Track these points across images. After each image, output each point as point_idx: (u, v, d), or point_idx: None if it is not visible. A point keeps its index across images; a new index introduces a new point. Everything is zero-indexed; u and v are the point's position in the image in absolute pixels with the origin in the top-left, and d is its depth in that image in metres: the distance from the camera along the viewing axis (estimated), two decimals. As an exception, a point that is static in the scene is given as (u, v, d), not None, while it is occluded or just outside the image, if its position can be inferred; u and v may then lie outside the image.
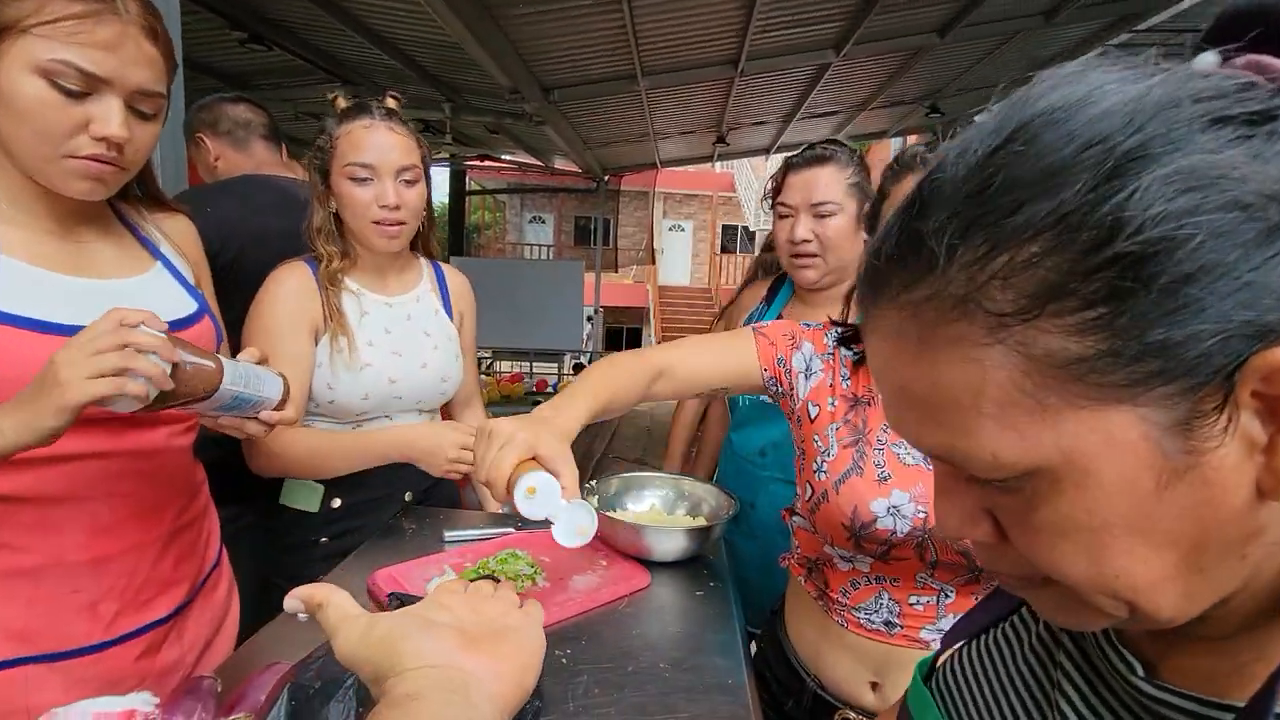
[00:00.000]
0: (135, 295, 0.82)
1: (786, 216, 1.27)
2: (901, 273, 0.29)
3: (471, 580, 0.54)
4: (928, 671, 0.49)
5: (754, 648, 1.05)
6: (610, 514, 1.13)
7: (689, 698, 0.77)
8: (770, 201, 1.32)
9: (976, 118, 0.31)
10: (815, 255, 1.25)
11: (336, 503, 1.20)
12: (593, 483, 1.24)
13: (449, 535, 1.15)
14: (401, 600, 0.65)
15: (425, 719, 0.35)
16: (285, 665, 0.61)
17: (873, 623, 0.84)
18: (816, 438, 0.87)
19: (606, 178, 7.23)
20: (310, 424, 1.20)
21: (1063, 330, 0.25)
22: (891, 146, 8.17)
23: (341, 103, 1.16)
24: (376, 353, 1.18)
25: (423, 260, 1.33)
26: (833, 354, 0.90)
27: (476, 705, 0.38)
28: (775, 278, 1.47)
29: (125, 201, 0.89)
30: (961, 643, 0.47)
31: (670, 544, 1.07)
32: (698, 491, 1.25)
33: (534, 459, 0.63)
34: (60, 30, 0.65)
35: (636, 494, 1.27)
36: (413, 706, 0.35)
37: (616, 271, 15.30)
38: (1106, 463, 0.26)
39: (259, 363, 0.83)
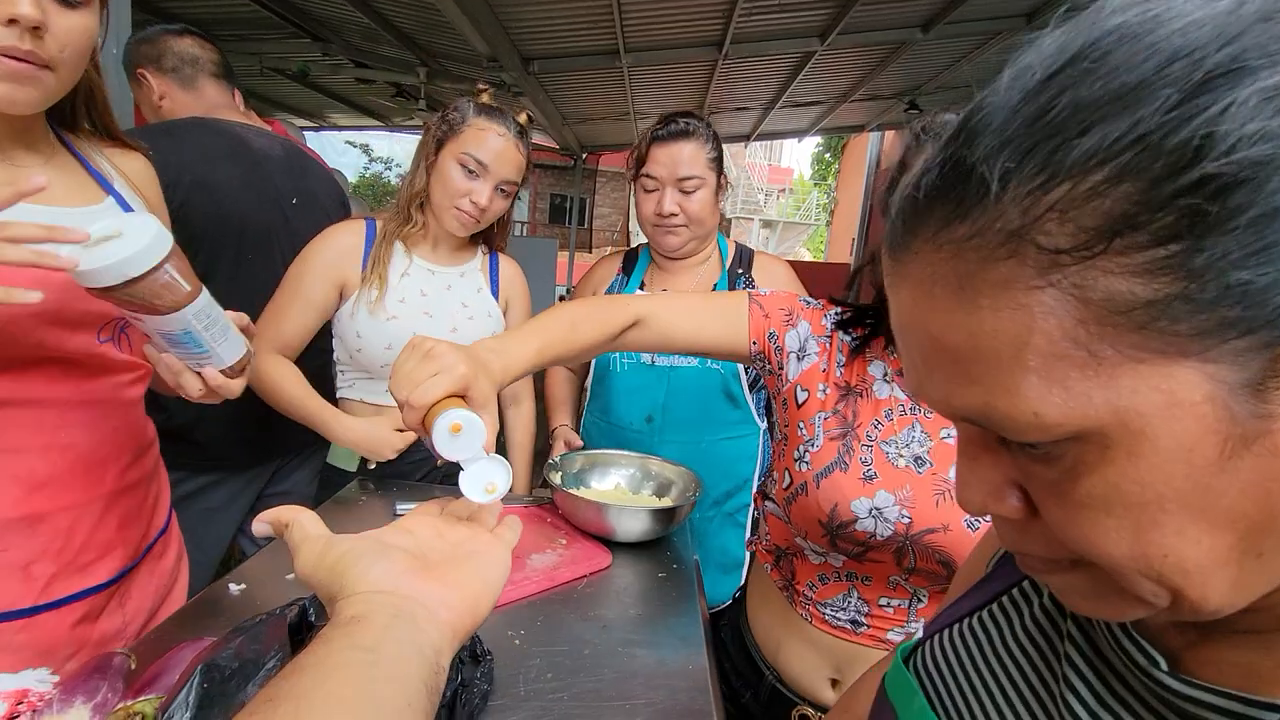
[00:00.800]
0: (70, 223, 0.74)
1: (653, 190, 1.30)
2: (943, 208, 0.26)
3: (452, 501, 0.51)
4: (908, 654, 0.46)
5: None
6: (573, 491, 1.09)
7: (647, 683, 0.74)
8: (634, 173, 1.34)
9: (1032, 41, 0.26)
10: (681, 225, 1.30)
11: (372, 467, 1.27)
12: (556, 459, 1.22)
13: (400, 508, 1.11)
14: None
15: (369, 639, 0.34)
16: (208, 641, 0.56)
17: (838, 620, 0.81)
18: (802, 425, 0.82)
19: (584, 156, 7.11)
20: (347, 377, 1.28)
21: (1128, 270, 0.22)
22: (870, 140, 8.22)
23: (486, 98, 1.24)
24: (405, 309, 1.21)
25: (480, 246, 1.37)
26: (830, 337, 0.85)
27: (423, 630, 0.36)
28: (628, 250, 1.50)
29: (76, 134, 0.81)
30: (945, 628, 0.44)
31: (634, 524, 1.04)
32: (665, 472, 1.23)
33: (462, 397, 0.58)
34: None
35: (601, 472, 1.24)
36: (355, 629, 0.34)
37: (590, 252, 15.17)
38: (1165, 426, 0.23)
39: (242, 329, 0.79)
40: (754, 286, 1.37)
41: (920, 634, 0.46)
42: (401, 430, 1.20)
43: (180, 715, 0.43)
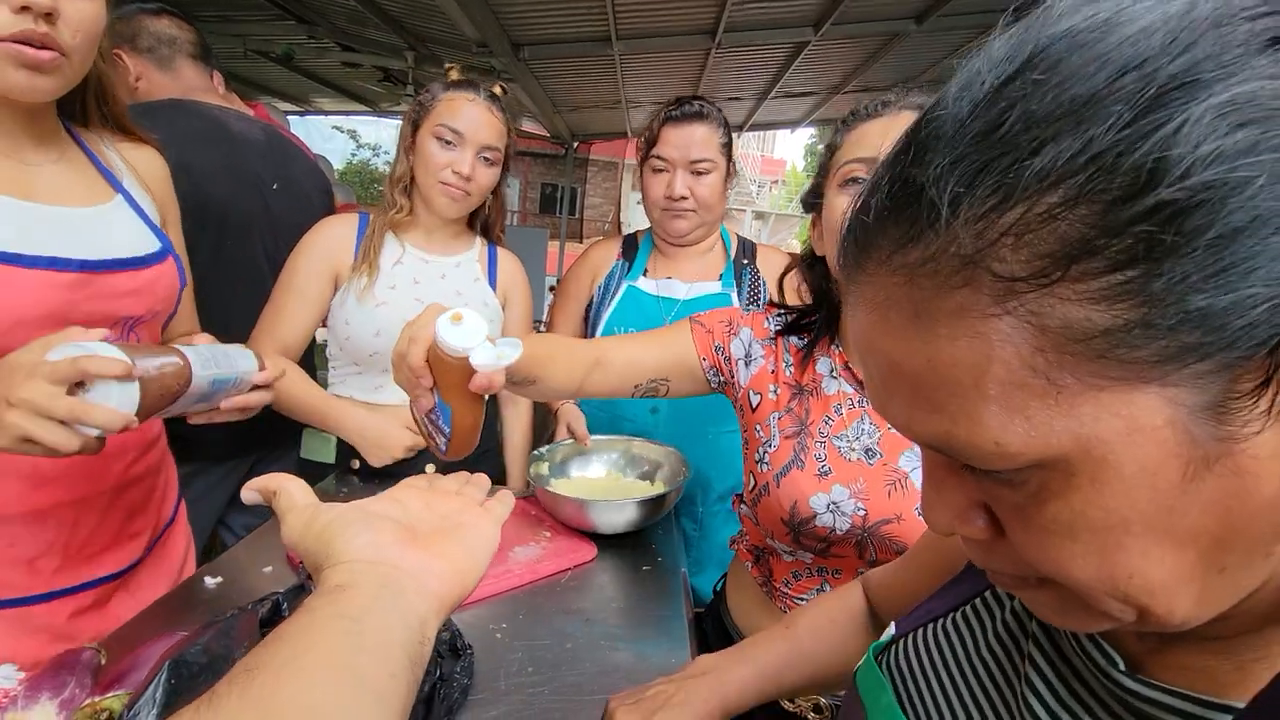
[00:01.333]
0: (90, 225, 0.74)
1: (662, 171, 1.27)
2: (894, 230, 0.25)
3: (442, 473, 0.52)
4: (880, 651, 0.46)
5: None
6: (555, 488, 1.08)
7: (628, 677, 0.74)
8: (643, 155, 1.31)
9: (984, 45, 0.25)
10: (691, 210, 1.27)
11: (355, 464, 1.23)
12: (542, 449, 1.21)
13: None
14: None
15: (354, 608, 0.33)
16: (179, 636, 0.55)
17: None
18: (759, 427, 0.84)
19: (576, 144, 7.05)
20: (338, 372, 1.26)
21: (1085, 297, 0.21)
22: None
23: (455, 74, 1.24)
24: (396, 295, 1.19)
25: (479, 239, 1.34)
26: (775, 339, 0.87)
27: (409, 600, 0.36)
28: (627, 235, 1.46)
29: (87, 128, 0.80)
30: (918, 627, 0.45)
31: (619, 517, 1.03)
32: (651, 455, 1.21)
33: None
34: None
35: (587, 459, 1.23)
36: (341, 596, 0.34)
37: (581, 241, 15.10)
38: (1128, 452, 0.23)
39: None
40: (759, 278, 1.36)
41: (893, 631, 0.46)
42: (411, 430, 1.17)
43: (147, 712, 0.42)
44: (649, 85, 5.11)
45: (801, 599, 0.82)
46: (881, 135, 0.74)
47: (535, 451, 1.21)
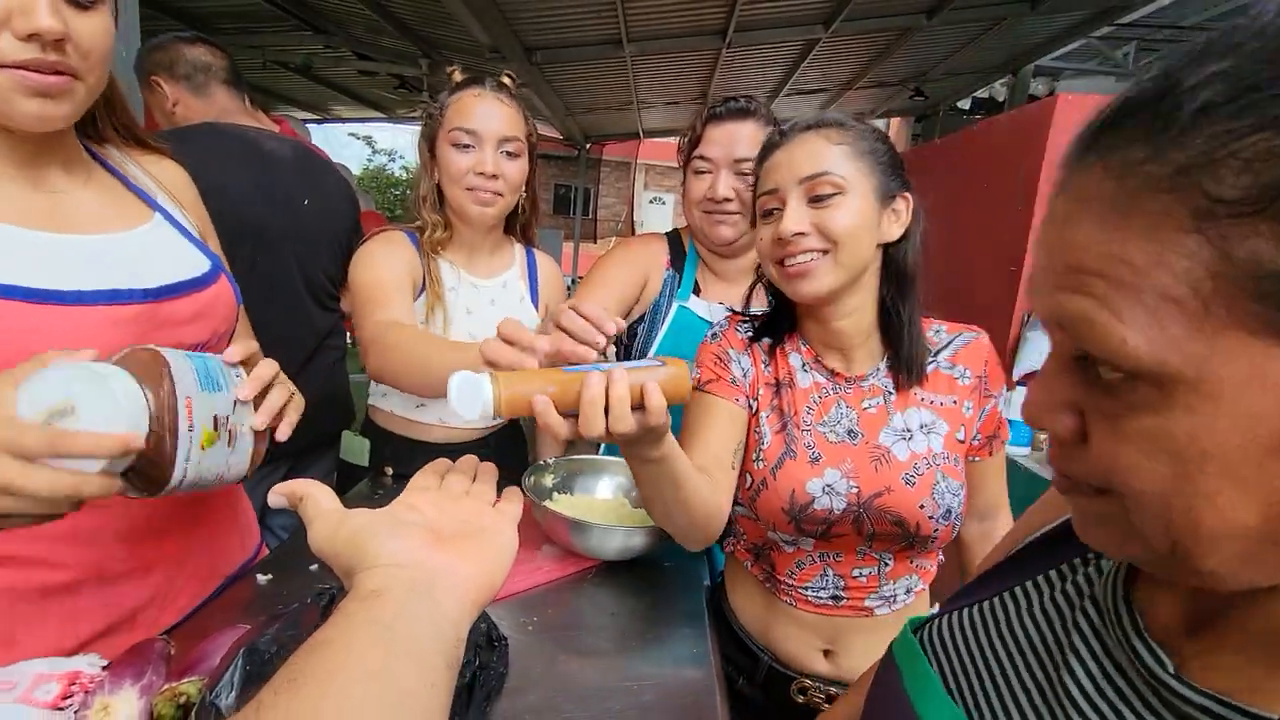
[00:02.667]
0: (138, 251, 0.70)
1: (705, 172, 1.17)
2: (1128, 125, 0.26)
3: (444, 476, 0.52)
4: (918, 627, 0.48)
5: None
6: (557, 498, 1.07)
7: (656, 666, 0.78)
8: (685, 156, 1.22)
9: None
10: (736, 214, 1.17)
11: (389, 472, 1.23)
12: (549, 460, 1.17)
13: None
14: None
15: (388, 614, 0.34)
16: (243, 629, 0.60)
17: (820, 598, 0.86)
18: (756, 429, 0.88)
19: (588, 146, 7.10)
20: (381, 386, 1.23)
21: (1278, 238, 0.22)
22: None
23: (458, 76, 1.18)
24: (452, 334, 1.17)
25: (517, 245, 1.31)
26: (750, 344, 0.92)
27: (440, 602, 0.37)
28: (670, 234, 1.33)
29: (103, 144, 0.77)
30: (958, 609, 0.47)
31: (610, 543, 0.97)
32: None
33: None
34: None
35: (586, 480, 1.16)
36: (376, 602, 0.35)
37: (595, 242, 15.15)
38: (1240, 397, 0.24)
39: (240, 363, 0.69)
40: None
41: (936, 611, 0.48)
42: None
43: (226, 694, 0.47)
44: (660, 86, 5.14)
45: (805, 588, 0.86)
46: (782, 164, 0.80)
47: (541, 462, 1.15)
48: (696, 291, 1.26)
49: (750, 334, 0.92)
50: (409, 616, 0.34)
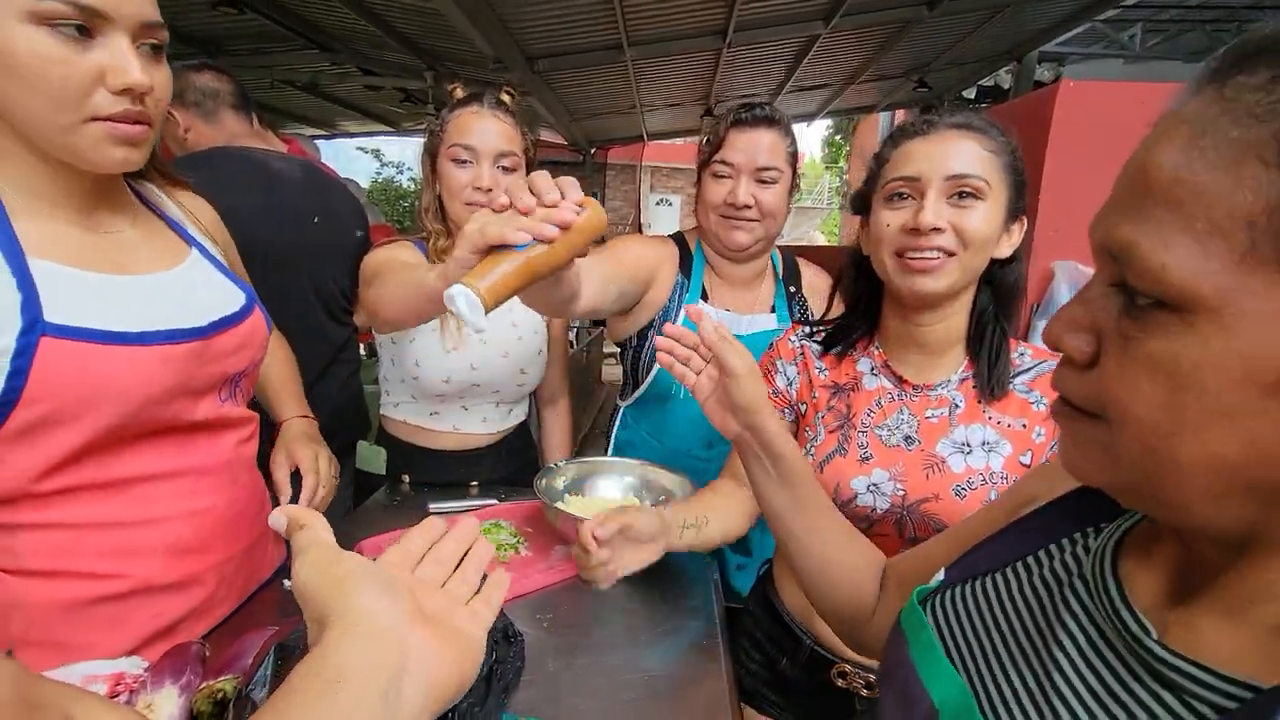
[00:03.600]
0: (183, 289, 0.75)
1: (725, 177, 1.18)
2: (1250, 60, 0.27)
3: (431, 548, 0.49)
4: (924, 597, 0.50)
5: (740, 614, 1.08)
6: (567, 499, 1.09)
7: (664, 658, 0.81)
8: (705, 159, 1.22)
9: None
10: (754, 221, 1.18)
11: (407, 479, 1.27)
12: (560, 463, 1.19)
13: (434, 506, 1.17)
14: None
15: (344, 709, 0.32)
16: (272, 630, 0.63)
17: None
18: (807, 429, 0.91)
19: (593, 151, 7.14)
20: (393, 397, 1.29)
21: None
22: (880, 120, 8.13)
23: (459, 93, 1.23)
24: (464, 339, 1.21)
25: None
26: (802, 352, 0.94)
27: (404, 699, 0.35)
28: (675, 236, 1.33)
29: (142, 180, 0.81)
30: (961, 582, 0.48)
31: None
32: (662, 480, 1.16)
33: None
34: None
35: (596, 482, 1.18)
36: (334, 694, 0.33)
37: (603, 245, 15.17)
38: (1254, 334, 0.25)
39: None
40: (806, 307, 1.31)
41: (941, 578, 0.50)
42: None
43: (260, 689, 0.51)
44: (662, 89, 5.16)
45: None
46: (925, 155, 0.78)
47: (550, 465, 1.19)
48: (704, 297, 1.27)
49: (804, 341, 0.95)
50: (366, 712, 0.33)
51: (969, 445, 0.82)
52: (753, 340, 1.23)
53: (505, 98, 1.23)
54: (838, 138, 19.45)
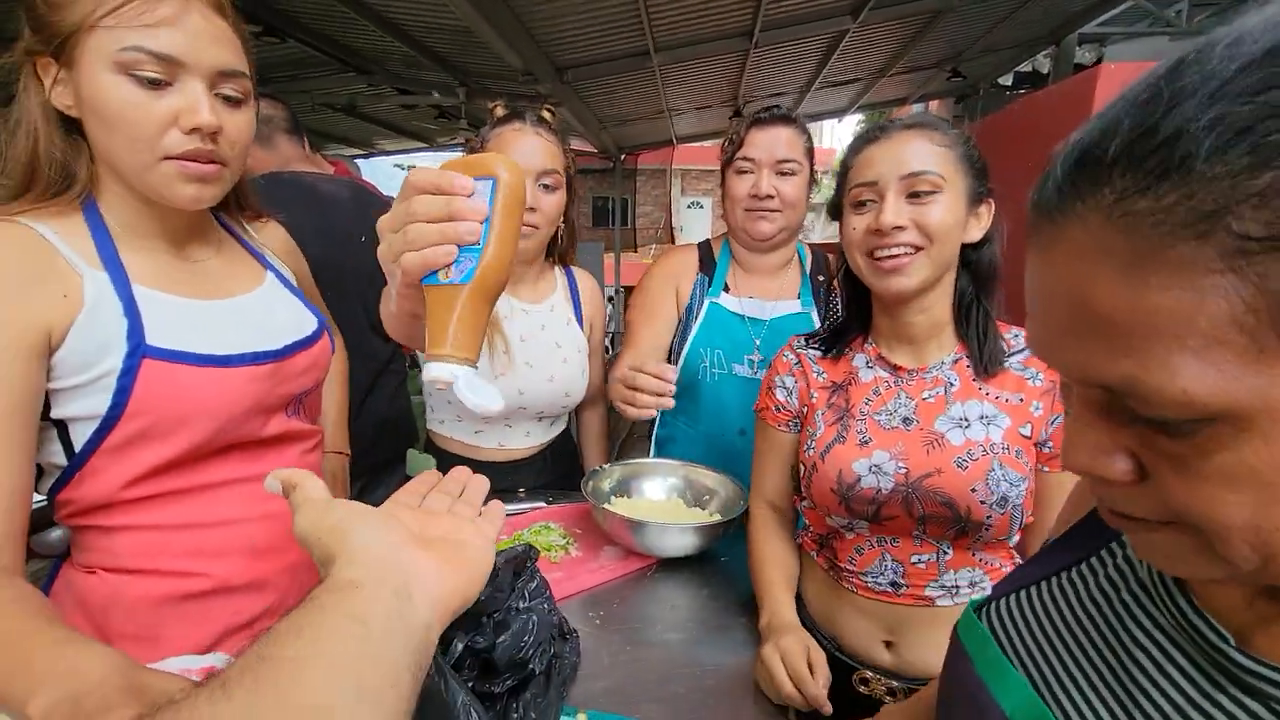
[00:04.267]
0: (262, 313, 0.81)
1: (747, 171, 1.27)
2: (1125, 178, 0.25)
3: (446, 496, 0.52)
4: (978, 607, 0.49)
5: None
6: (614, 501, 1.12)
7: (713, 654, 0.82)
8: (727, 158, 1.31)
9: (1250, 10, 0.26)
10: (777, 211, 1.27)
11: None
12: (606, 466, 1.23)
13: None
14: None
15: (361, 609, 0.34)
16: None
17: (880, 584, 0.88)
18: (809, 427, 0.94)
19: (623, 157, 7.19)
20: (438, 414, 1.31)
21: None
22: (913, 113, 7.97)
23: (500, 111, 1.22)
24: (511, 363, 1.22)
25: (556, 269, 1.36)
26: (799, 360, 0.98)
27: (416, 605, 0.36)
28: (701, 244, 1.43)
29: (225, 211, 0.87)
30: (1016, 589, 0.48)
31: (676, 541, 1.03)
32: (705, 480, 1.20)
33: None
34: (125, 16, 0.63)
35: (640, 484, 1.21)
36: (354, 596, 0.34)
37: (636, 251, 15.24)
38: None
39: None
40: (835, 296, 1.34)
41: (990, 592, 0.50)
42: None
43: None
44: (690, 92, 5.18)
45: (865, 574, 0.89)
46: (881, 159, 0.83)
47: (595, 468, 1.22)
48: (727, 290, 1.35)
49: (800, 350, 0.99)
50: (382, 615, 0.34)
51: (966, 420, 0.84)
52: (778, 324, 1.33)
53: (546, 114, 1.23)
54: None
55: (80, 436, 0.68)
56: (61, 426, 0.68)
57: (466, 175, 0.49)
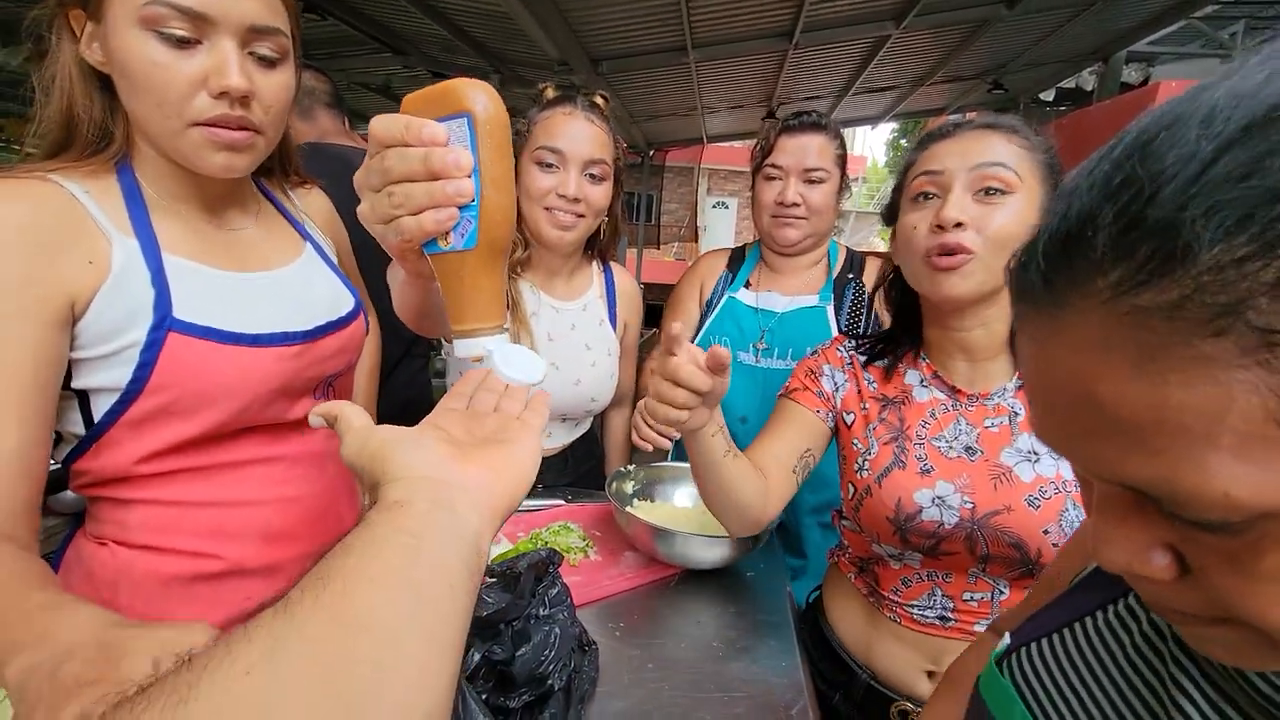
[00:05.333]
0: (297, 288, 0.77)
1: (775, 178, 1.28)
2: (1120, 269, 0.24)
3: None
4: (1000, 659, 0.46)
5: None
6: (636, 505, 1.09)
7: (745, 676, 0.78)
8: (757, 163, 1.32)
9: (1225, 73, 0.24)
10: (803, 219, 1.27)
11: None
12: (630, 467, 1.18)
13: (521, 504, 1.17)
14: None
15: (412, 523, 0.35)
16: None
17: (926, 617, 0.83)
18: (855, 441, 0.87)
19: (652, 153, 7.15)
20: None
21: None
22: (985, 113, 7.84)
23: (550, 93, 1.14)
24: None
25: (595, 265, 1.30)
26: (851, 361, 0.92)
27: (463, 515, 0.37)
28: (736, 248, 1.47)
29: (267, 176, 0.84)
30: (1042, 636, 0.44)
31: (706, 553, 0.98)
32: None
33: None
34: None
35: (665, 488, 1.18)
36: (400, 512, 0.35)
37: (659, 248, 15.20)
38: None
39: None
40: (863, 294, 1.34)
41: (1009, 641, 0.46)
42: None
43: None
44: (724, 91, 5.12)
45: (912, 606, 0.83)
46: (950, 152, 0.76)
47: (620, 469, 1.17)
48: (748, 285, 1.39)
49: (852, 352, 0.92)
50: (432, 526, 0.35)
51: (1035, 453, 0.77)
52: (789, 317, 1.34)
53: (600, 101, 1.16)
54: (902, 141, 18.93)
55: (100, 408, 0.66)
56: (82, 396, 0.66)
57: (435, 113, 0.43)
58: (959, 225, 0.73)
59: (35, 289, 0.60)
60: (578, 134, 1.08)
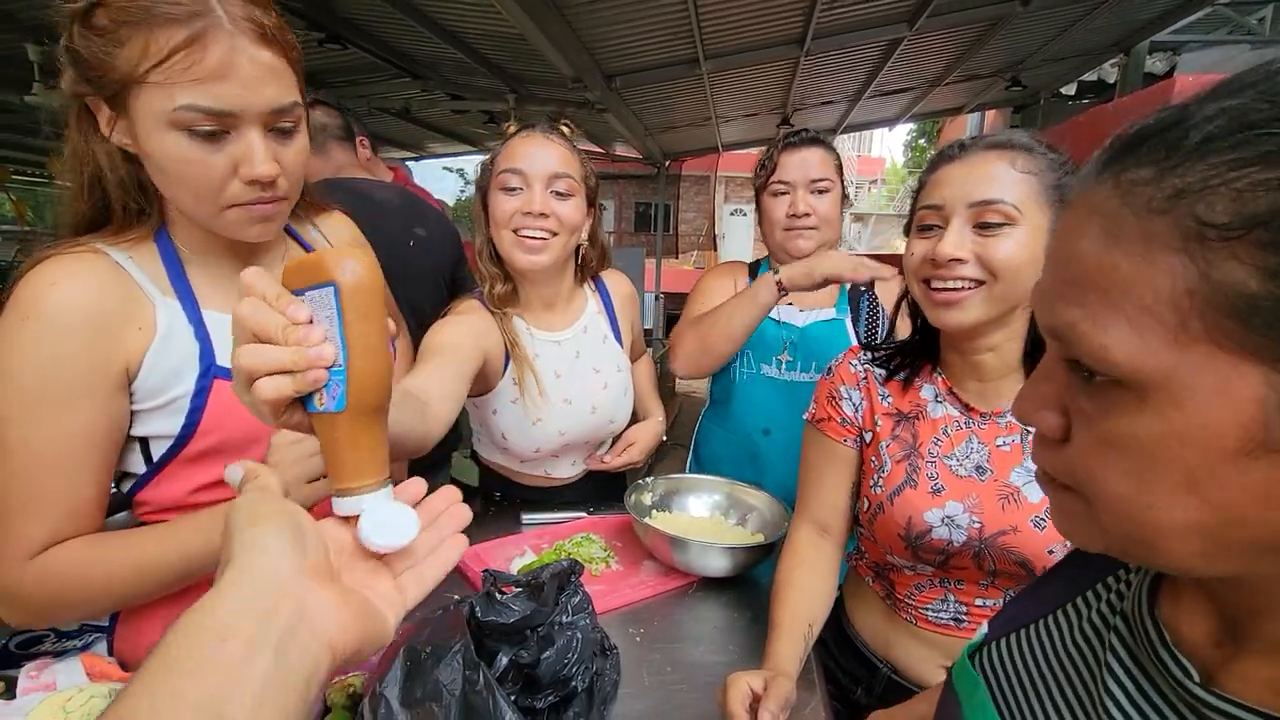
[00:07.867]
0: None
1: (783, 194, 1.33)
2: (1142, 150, 0.28)
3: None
4: (973, 651, 0.49)
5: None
6: (655, 516, 1.11)
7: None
8: (762, 183, 1.36)
9: None
10: (814, 228, 1.32)
11: (497, 495, 1.31)
12: (649, 479, 1.21)
13: (526, 518, 1.21)
14: (495, 577, 0.70)
15: (218, 623, 0.31)
16: (401, 630, 0.67)
17: (941, 619, 0.85)
18: (873, 457, 0.89)
19: (667, 163, 7.20)
20: (483, 444, 1.29)
21: (1257, 265, 0.24)
22: (967, 123, 7.77)
23: (512, 129, 1.15)
24: (548, 404, 1.15)
25: (587, 286, 1.28)
26: (865, 377, 0.92)
27: (297, 655, 0.33)
28: (752, 263, 1.51)
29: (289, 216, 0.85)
30: (1011, 632, 0.47)
31: (717, 561, 1.01)
32: (748, 499, 1.18)
33: None
34: (173, 71, 0.61)
35: (682, 499, 1.21)
36: (223, 645, 0.31)
37: (677, 257, 15.23)
38: (1205, 406, 0.26)
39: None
40: (878, 305, 1.36)
41: (985, 632, 0.49)
42: None
43: (392, 687, 0.54)
44: (738, 99, 5.15)
45: (926, 609, 0.85)
46: (951, 181, 0.76)
47: (638, 481, 1.19)
48: None
49: (868, 365, 0.93)
50: (245, 634, 0.31)
51: None
52: (811, 330, 1.37)
53: (564, 129, 1.15)
54: (921, 141, 18.73)
55: (158, 450, 0.72)
56: (143, 442, 0.72)
57: (306, 281, 0.43)
58: (957, 260, 0.74)
59: (101, 368, 0.66)
60: (538, 152, 1.07)
